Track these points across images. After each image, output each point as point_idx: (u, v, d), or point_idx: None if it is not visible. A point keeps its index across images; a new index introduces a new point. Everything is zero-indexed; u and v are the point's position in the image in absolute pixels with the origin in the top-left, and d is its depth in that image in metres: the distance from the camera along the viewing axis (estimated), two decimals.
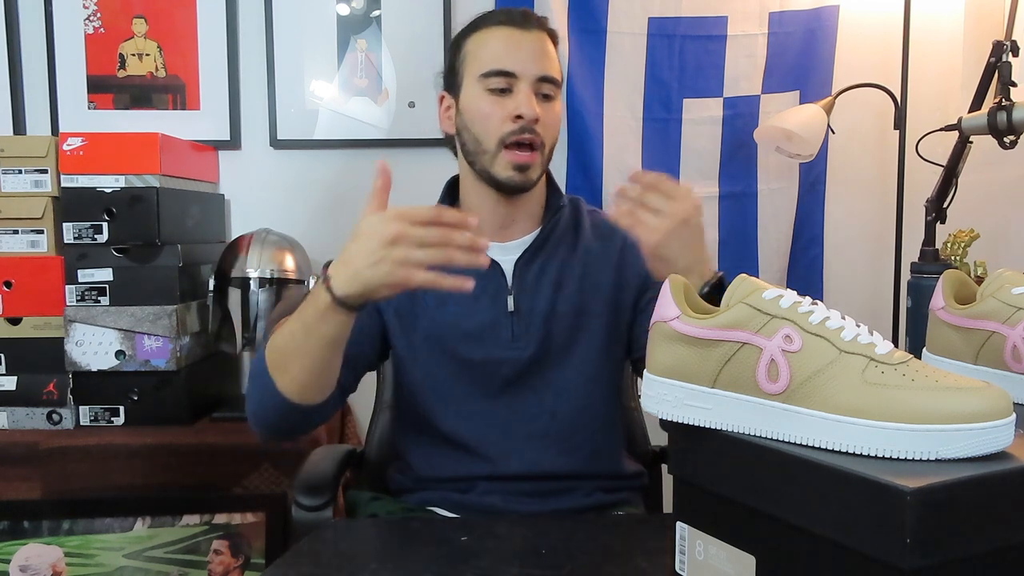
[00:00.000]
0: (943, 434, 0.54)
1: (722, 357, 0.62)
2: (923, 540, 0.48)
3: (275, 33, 1.94)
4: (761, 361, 0.61)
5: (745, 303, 0.62)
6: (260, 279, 1.70)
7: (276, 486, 1.56)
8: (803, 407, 0.59)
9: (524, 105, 1.07)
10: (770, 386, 0.60)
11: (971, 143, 1.56)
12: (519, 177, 1.09)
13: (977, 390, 0.56)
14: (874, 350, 0.60)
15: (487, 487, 1.10)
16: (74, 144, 1.61)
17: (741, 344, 0.62)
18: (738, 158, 1.99)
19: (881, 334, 0.65)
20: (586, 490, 1.12)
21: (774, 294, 0.63)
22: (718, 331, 0.62)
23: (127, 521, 1.55)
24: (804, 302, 0.63)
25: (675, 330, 0.64)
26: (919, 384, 0.57)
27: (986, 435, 0.54)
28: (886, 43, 1.95)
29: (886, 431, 0.55)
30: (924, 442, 0.55)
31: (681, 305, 0.65)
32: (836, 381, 0.59)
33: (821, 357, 0.60)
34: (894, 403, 0.56)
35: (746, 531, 0.60)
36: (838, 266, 2.04)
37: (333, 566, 0.85)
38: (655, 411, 0.66)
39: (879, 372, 0.58)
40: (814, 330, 0.61)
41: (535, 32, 1.11)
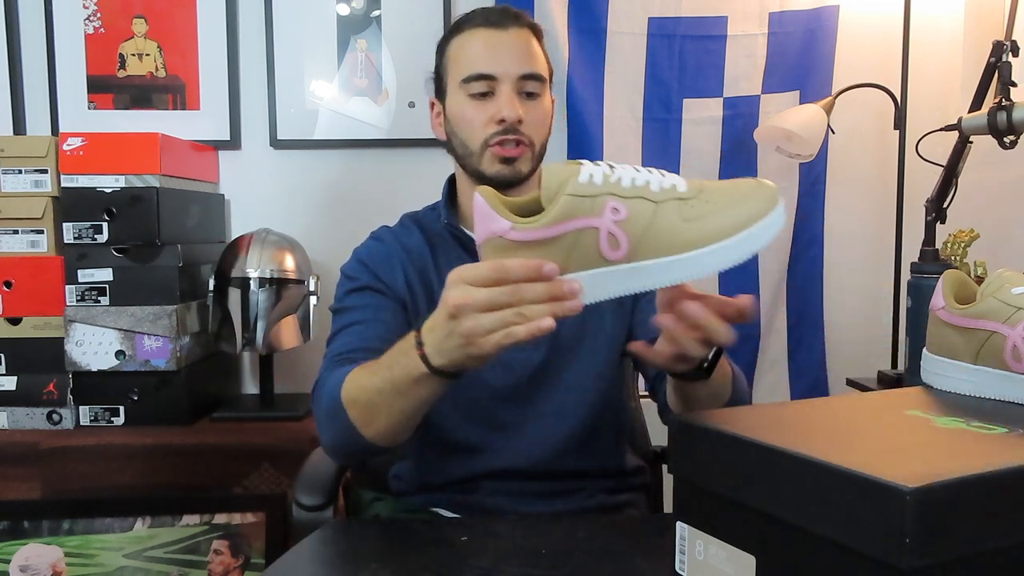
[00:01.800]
0: (753, 233, 0.69)
1: (567, 247, 0.69)
2: (922, 540, 0.48)
3: (275, 33, 1.94)
4: (601, 237, 0.68)
5: (568, 195, 0.68)
6: (260, 279, 1.70)
7: (276, 486, 1.56)
8: (646, 260, 0.69)
9: (505, 108, 1.06)
10: (614, 253, 0.69)
11: (971, 143, 1.55)
12: (507, 171, 1.08)
13: (755, 188, 0.71)
14: (677, 190, 0.71)
15: (492, 487, 1.09)
16: (74, 144, 1.61)
17: (579, 229, 0.68)
18: (738, 158, 1.99)
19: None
20: (590, 490, 1.12)
21: (587, 175, 0.69)
22: (553, 228, 0.68)
23: (127, 521, 1.55)
24: (612, 170, 0.70)
25: (512, 240, 0.69)
26: (720, 203, 0.70)
27: (775, 224, 0.69)
28: (886, 43, 1.95)
29: (713, 252, 0.69)
30: (744, 247, 0.69)
31: (508, 216, 0.69)
32: (662, 230, 0.69)
33: (644, 215, 0.69)
34: (711, 229, 0.69)
35: (746, 531, 0.60)
36: (838, 266, 2.04)
37: (333, 566, 0.85)
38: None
39: (690, 207, 0.70)
40: (631, 193, 0.69)
41: (513, 30, 1.09)
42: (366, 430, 0.90)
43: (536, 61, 1.10)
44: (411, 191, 1.29)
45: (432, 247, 1.15)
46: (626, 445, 1.21)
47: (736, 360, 2.13)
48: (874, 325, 2.02)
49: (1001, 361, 0.78)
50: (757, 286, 1.98)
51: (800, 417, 0.71)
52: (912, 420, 0.69)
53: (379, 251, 1.14)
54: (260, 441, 1.57)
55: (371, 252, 1.15)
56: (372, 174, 1.97)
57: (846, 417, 0.71)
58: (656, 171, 0.72)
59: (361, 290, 1.09)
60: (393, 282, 1.11)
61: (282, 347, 1.73)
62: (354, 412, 0.90)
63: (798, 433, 0.63)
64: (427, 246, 1.14)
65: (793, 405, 0.80)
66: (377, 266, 1.12)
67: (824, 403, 0.79)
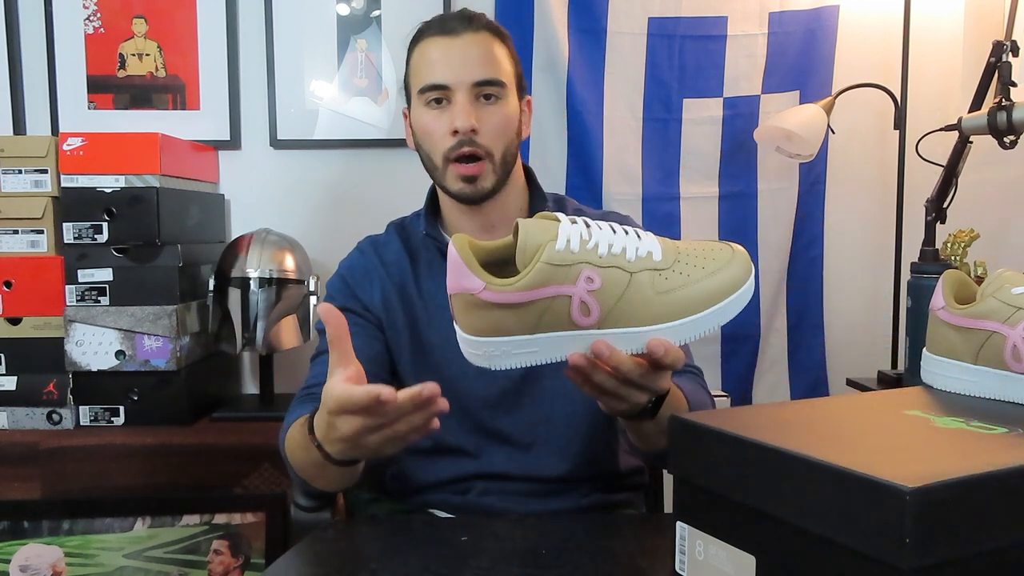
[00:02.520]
0: (721, 309, 0.72)
1: (538, 311, 0.70)
2: (922, 540, 0.48)
3: (275, 33, 1.94)
4: (573, 305, 0.70)
5: (544, 262, 0.69)
6: (260, 279, 1.70)
7: (276, 486, 1.56)
8: (615, 328, 0.71)
9: (458, 117, 1.04)
10: (584, 320, 0.71)
11: (971, 143, 1.56)
12: (469, 189, 1.07)
13: (730, 262, 0.73)
14: (653, 259, 0.72)
15: (484, 487, 1.09)
16: (74, 144, 1.61)
17: (552, 297, 0.70)
18: (738, 158, 1.99)
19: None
20: (585, 490, 1.12)
21: (564, 241, 0.70)
22: (526, 293, 0.70)
23: (127, 521, 1.55)
24: (590, 235, 0.71)
25: (485, 300, 0.70)
26: (693, 276, 0.72)
27: (745, 297, 0.74)
28: (886, 43, 1.95)
29: (681, 326, 0.71)
30: (710, 321, 0.72)
31: (482, 275, 0.71)
32: (634, 301, 0.70)
33: (618, 285, 0.70)
34: (680, 303, 0.71)
35: (746, 531, 0.60)
36: (838, 266, 2.04)
37: (333, 566, 0.85)
38: (488, 365, 0.73)
39: (663, 280, 0.71)
40: (606, 262, 0.70)
41: (467, 36, 1.07)
42: (312, 482, 0.96)
43: (492, 66, 1.07)
44: (411, 191, 1.29)
45: (412, 256, 1.15)
46: (618, 449, 1.20)
47: (736, 360, 2.15)
48: (874, 325, 2.02)
49: (1001, 361, 0.78)
50: (757, 286, 1.98)
51: (800, 417, 0.71)
52: (912, 420, 0.69)
53: (359, 266, 1.16)
54: (260, 441, 1.57)
55: (351, 268, 1.17)
56: (372, 174, 1.97)
57: (846, 417, 0.71)
58: (632, 232, 0.74)
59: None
60: (371, 300, 1.13)
61: (282, 347, 1.73)
62: (293, 463, 0.96)
63: (798, 433, 0.63)
64: (407, 256, 1.15)
65: (793, 405, 0.80)
66: (356, 283, 1.14)
67: (824, 403, 0.79)
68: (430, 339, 1.11)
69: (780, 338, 2.03)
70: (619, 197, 1.96)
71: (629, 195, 1.97)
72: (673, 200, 1.99)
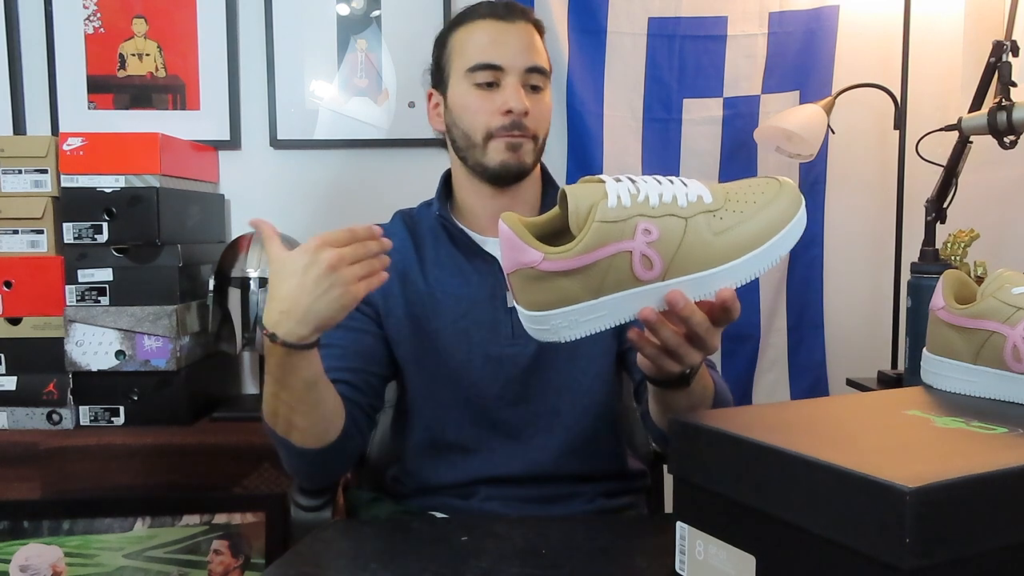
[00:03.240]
0: (779, 240, 0.71)
1: (601, 273, 0.69)
2: (922, 540, 0.48)
3: (275, 33, 1.94)
4: (634, 259, 0.69)
5: (599, 221, 0.68)
6: (260, 279, 1.70)
7: (276, 486, 1.56)
8: (679, 277, 0.70)
9: (512, 99, 1.06)
10: (648, 273, 0.70)
11: (971, 143, 1.56)
12: (513, 159, 1.08)
13: (779, 193, 0.72)
14: (704, 202, 0.71)
15: (488, 492, 1.09)
16: (74, 144, 1.61)
17: (612, 255, 0.69)
18: (738, 158, 1.99)
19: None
20: (589, 496, 1.11)
21: (615, 198, 0.69)
22: (586, 256, 0.68)
23: (127, 521, 1.55)
24: (638, 188, 0.70)
25: (545, 271, 0.69)
26: (747, 212, 0.71)
27: (800, 226, 0.72)
28: (886, 43, 1.95)
29: (745, 263, 0.70)
30: (771, 254, 0.71)
31: (538, 246, 0.70)
32: (694, 246, 0.70)
33: (675, 233, 0.69)
34: (740, 241, 0.70)
35: (746, 531, 0.60)
36: (838, 266, 2.04)
37: (333, 566, 0.85)
38: (556, 339, 0.73)
39: (719, 220, 0.70)
40: (660, 212, 0.69)
41: (520, 23, 1.10)
42: (294, 436, 0.96)
43: (541, 56, 1.11)
44: (411, 191, 1.29)
45: (418, 245, 1.15)
46: (626, 449, 1.20)
47: (736, 360, 2.15)
48: (874, 325, 2.02)
49: (1001, 361, 0.78)
50: (757, 286, 1.98)
51: (800, 417, 0.71)
52: (912, 420, 0.69)
53: None
54: (260, 441, 1.57)
55: None
56: (372, 174, 1.97)
57: (846, 417, 0.71)
58: (677, 180, 0.73)
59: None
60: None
61: None
62: (277, 427, 0.96)
63: (798, 433, 0.63)
64: (411, 244, 1.15)
65: (793, 405, 0.81)
66: None
67: (824, 403, 0.79)
68: (435, 327, 1.10)
69: (780, 338, 2.03)
70: None
71: None
72: None
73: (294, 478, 1.07)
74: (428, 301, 1.11)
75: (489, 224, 1.13)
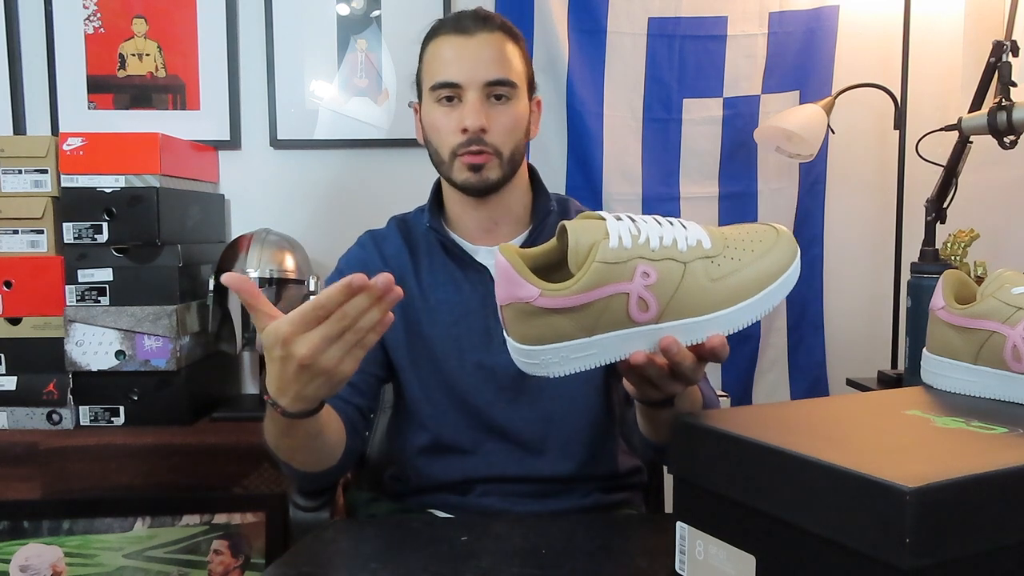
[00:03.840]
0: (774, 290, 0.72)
1: (596, 312, 0.69)
2: (922, 540, 0.48)
3: (275, 33, 1.94)
4: (631, 302, 0.69)
5: (599, 262, 0.68)
6: (260, 279, 1.70)
7: (276, 486, 1.56)
8: (673, 321, 0.70)
9: (469, 116, 1.05)
10: (642, 316, 0.70)
11: (971, 143, 1.56)
12: (474, 179, 1.07)
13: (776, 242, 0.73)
14: (703, 247, 0.71)
15: (484, 489, 1.10)
16: (74, 144, 1.61)
17: (610, 296, 0.68)
18: (738, 158, 1.99)
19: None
20: (584, 491, 1.12)
21: (616, 238, 0.69)
22: (583, 295, 0.68)
23: (127, 521, 1.55)
24: (639, 229, 0.70)
25: (540, 307, 0.69)
26: (744, 259, 0.71)
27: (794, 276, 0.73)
28: (886, 43, 1.95)
29: (739, 311, 0.71)
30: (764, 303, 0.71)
31: (535, 281, 0.69)
32: (691, 291, 0.70)
33: (673, 277, 0.69)
34: (735, 288, 0.71)
35: (746, 531, 0.60)
36: (838, 266, 2.04)
37: (333, 566, 0.85)
38: (545, 373, 0.72)
39: (716, 267, 0.71)
40: (660, 255, 0.69)
41: (481, 35, 1.08)
42: (297, 464, 0.97)
43: (505, 66, 1.08)
44: (411, 191, 1.29)
45: (413, 251, 1.15)
46: (619, 449, 1.20)
47: (736, 360, 2.15)
48: (874, 325, 2.02)
49: (1001, 361, 0.78)
50: None
51: (800, 417, 0.71)
52: (912, 420, 0.69)
53: (358, 259, 1.16)
54: (260, 441, 1.53)
55: (349, 262, 1.17)
56: (372, 174, 1.97)
57: (846, 417, 0.71)
58: (677, 222, 0.73)
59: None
60: None
61: None
62: (280, 456, 0.97)
63: (798, 433, 0.63)
64: (406, 250, 1.15)
65: (793, 405, 0.81)
66: None
67: (824, 403, 0.79)
68: (429, 334, 1.11)
69: (780, 338, 2.03)
70: (619, 197, 1.96)
71: (629, 195, 1.97)
72: (673, 200, 1.99)
73: (293, 482, 1.08)
74: (422, 307, 1.12)
75: (478, 233, 1.14)
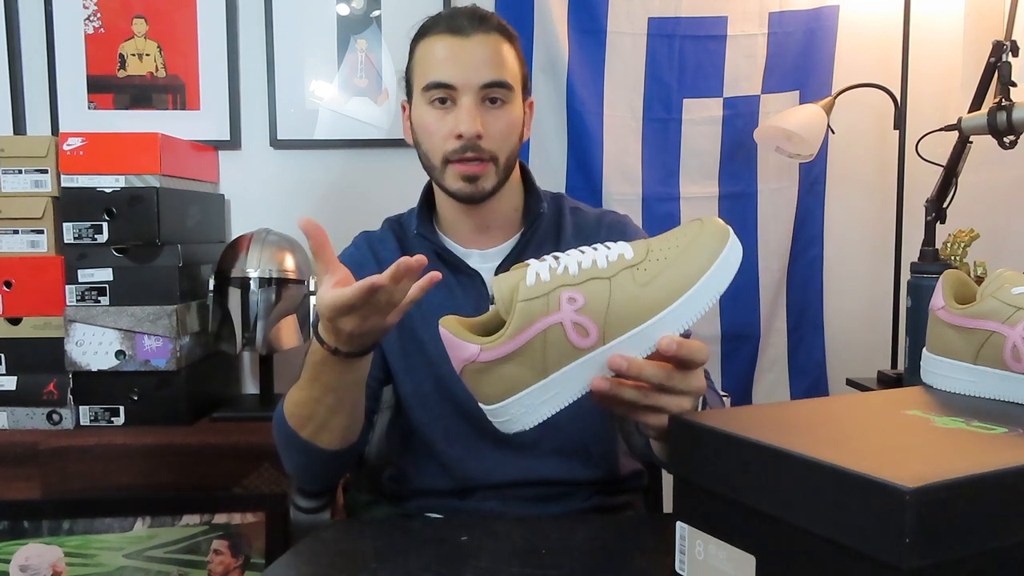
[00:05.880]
0: (709, 278, 0.70)
1: (539, 350, 0.69)
2: (922, 540, 0.48)
3: (275, 33, 1.94)
4: (567, 330, 0.69)
5: (521, 301, 0.69)
6: (260, 279, 1.70)
7: (276, 486, 1.56)
8: (618, 337, 0.69)
9: (464, 122, 1.02)
10: (585, 341, 0.69)
11: (971, 143, 1.56)
12: (468, 188, 1.05)
13: (700, 231, 0.72)
14: (626, 259, 0.71)
15: (484, 494, 1.09)
16: (74, 144, 1.61)
17: (544, 330, 0.69)
18: (738, 158, 1.99)
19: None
20: (585, 495, 1.11)
21: (533, 276, 0.70)
22: (517, 338, 0.69)
23: (127, 521, 1.55)
24: (558, 262, 0.71)
25: (485, 361, 0.71)
26: (670, 259, 0.70)
27: (733, 257, 0.71)
28: (886, 43, 1.95)
29: (679, 307, 0.69)
30: (704, 294, 0.70)
31: (473, 339, 0.70)
32: (623, 303, 0.69)
33: (600, 295, 0.69)
34: (667, 286, 0.69)
35: (746, 531, 0.60)
36: (838, 266, 2.04)
37: (333, 566, 0.85)
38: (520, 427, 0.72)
39: (643, 272, 0.70)
40: (581, 278, 0.69)
41: (478, 36, 1.04)
42: (317, 439, 0.95)
43: (501, 68, 1.05)
44: (411, 191, 1.29)
45: (405, 250, 1.14)
46: (619, 452, 1.20)
47: (736, 360, 2.15)
48: (874, 325, 2.02)
49: (1001, 361, 0.78)
50: (757, 286, 1.98)
51: (800, 417, 0.71)
52: (912, 420, 0.69)
53: (352, 260, 1.14)
54: (260, 441, 1.57)
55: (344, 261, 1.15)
56: (372, 174, 1.97)
57: (846, 417, 0.71)
58: (601, 246, 0.73)
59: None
60: None
61: (282, 347, 1.73)
62: (298, 425, 0.95)
63: (798, 433, 0.63)
64: (400, 253, 1.13)
65: (793, 405, 0.80)
66: None
67: (824, 403, 0.79)
68: (422, 336, 1.10)
69: (780, 338, 2.03)
70: (619, 197, 1.96)
71: (629, 195, 1.97)
72: (673, 200, 1.99)
73: (296, 480, 1.07)
74: (416, 311, 1.10)
75: (470, 236, 1.13)
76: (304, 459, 0.99)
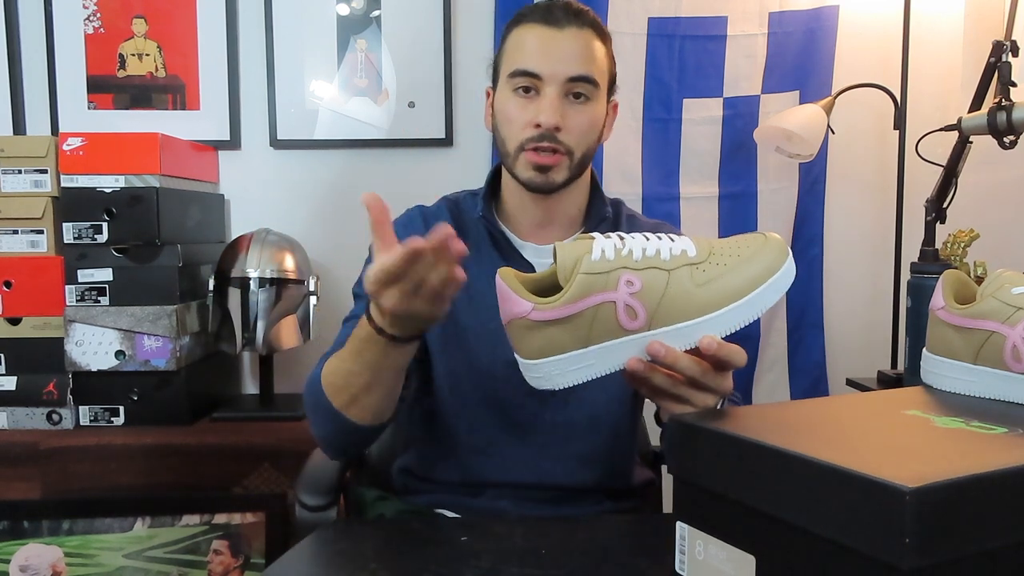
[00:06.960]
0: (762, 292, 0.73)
1: (587, 322, 0.72)
2: (922, 540, 0.48)
3: (275, 33, 1.94)
4: (618, 309, 0.72)
5: (583, 273, 0.72)
6: (260, 279, 1.70)
7: (276, 486, 1.56)
8: (663, 327, 0.73)
9: (545, 112, 1.02)
10: (632, 323, 0.72)
11: (971, 143, 1.56)
12: (539, 179, 1.05)
13: (764, 246, 0.74)
14: (688, 255, 0.74)
15: (497, 493, 1.08)
16: (74, 144, 1.61)
17: (597, 305, 0.72)
18: (738, 158, 1.99)
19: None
20: (596, 499, 1.11)
21: (599, 251, 0.72)
22: (571, 306, 0.72)
23: (127, 521, 1.55)
24: (624, 244, 0.73)
25: (535, 320, 0.73)
26: (730, 265, 0.73)
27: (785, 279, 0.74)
28: (886, 43, 1.95)
29: (727, 313, 0.72)
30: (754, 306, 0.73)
31: (529, 297, 0.73)
32: (676, 297, 0.72)
33: (658, 284, 0.72)
34: (722, 292, 0.73)
35: (746, 531, 0.60)
36: (838, 266, 2.04)
37: (333, 566, 0.85)
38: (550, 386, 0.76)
39: (701, 272, 0.73)
40: (643, 264, 0.72)
41: (571, 30, 1.04)
42: (348, 411, 0.95)
43: (590, 63, 1.05)
44: (411, 191, 1.29)
45: (461, 232, 1.12)
46: (636, 458, 1.20)
47: None
48: (874, 325, 2.02)
49: (1001, 361, 0.78)
50: None
51: (800, 417, 0.71)
52: (912, 420, 0.68)
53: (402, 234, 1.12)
54: (260, 441, 1.57)
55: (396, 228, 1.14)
56: (372, 174, 1.97)
57: (846, 417, 0.71)
58: (666, 236, 0.75)
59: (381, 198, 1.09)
60: None
61: (282, 347, 1.73)
62: (332, 393, 0.95)
63: (798, 433, 0.63)
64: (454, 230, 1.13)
65: (793, 405, 0.80)
66: None
67: (824, 403, 0.79)
68: (465, 323, 1.08)
69: (780, 338, 2.03)
70: (619, 197, 1.95)
71: (629, 195, 1.97)
72: (673, 200, 1.99)
73: (320, 446, 1.05)
74: (462, 295, 1.09)
75: (530, 229, 1.12)
76: (332, 427, 0.98)
